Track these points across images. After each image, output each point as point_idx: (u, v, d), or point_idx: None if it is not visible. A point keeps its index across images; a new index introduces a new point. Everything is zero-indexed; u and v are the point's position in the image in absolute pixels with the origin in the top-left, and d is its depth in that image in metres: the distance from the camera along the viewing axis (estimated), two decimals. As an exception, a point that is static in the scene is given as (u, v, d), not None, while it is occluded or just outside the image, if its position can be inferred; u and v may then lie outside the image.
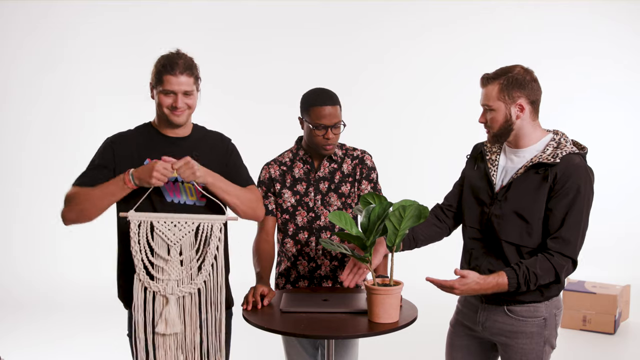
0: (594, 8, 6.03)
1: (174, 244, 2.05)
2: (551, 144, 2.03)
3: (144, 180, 2.01)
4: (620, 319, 4.69)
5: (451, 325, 2.30)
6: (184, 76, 2.09)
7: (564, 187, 1.96)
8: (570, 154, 2.00)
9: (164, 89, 2.09)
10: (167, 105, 2.10)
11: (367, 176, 2.48)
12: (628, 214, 6.05)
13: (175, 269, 2.06)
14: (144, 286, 2.05)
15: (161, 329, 2.04)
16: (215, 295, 2.09)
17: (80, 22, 5.92)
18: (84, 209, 2.06)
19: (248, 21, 6.03)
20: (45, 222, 5.94)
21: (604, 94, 6.09)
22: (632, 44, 6.10)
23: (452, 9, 6.07)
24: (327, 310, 2.05)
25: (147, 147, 2.16)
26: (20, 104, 5.96)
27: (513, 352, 2.08)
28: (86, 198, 2.05)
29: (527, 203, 2.00)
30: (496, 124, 2.04)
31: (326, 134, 2.34)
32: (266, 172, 2.48)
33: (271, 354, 3.83)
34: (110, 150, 2.15)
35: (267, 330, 1.97)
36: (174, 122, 2.13)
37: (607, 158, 6.03)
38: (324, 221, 2.45)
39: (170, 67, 2.08)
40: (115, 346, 4.10)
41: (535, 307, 2.05)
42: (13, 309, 5.23)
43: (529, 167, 2.01)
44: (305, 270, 2.48)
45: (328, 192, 2.45)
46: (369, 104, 5.96)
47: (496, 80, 2.02)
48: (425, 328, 3.17)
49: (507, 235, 2.03)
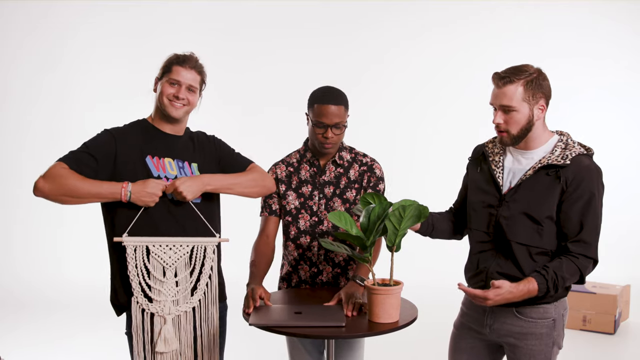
0: (594, 8, 6.04)
1: (169, 266, 2.10)
2: (559, 145, 2.01)
3: (139, 201, 2.04)
4: (620, 319, 4.68)
5: (455, 327, 2.27)
6: (193, 72, 2.14)
7: (577, 190, 1.94)
8: (579, 155, 1.99)
9: (170, 77, 2.12)
10: (169, 95, 2.12)
11: (375, 186, 2.43)
12: (628, 214, 6.05)
13: (171, 289, 2.11)
14: (141, 308, 2.10)
15: (161, 348, 2.10)
16: (210, 312, 2.17)
17: (80, 22, 5.93)
18: (65, 194, 1.99)
19: (248, 22, 6.03)
20: (45, 223, 5.96)
21: (604, 94, 6.10)
22: (632, 44, 6.10)
23: (452, 9, 6.07)
24: (300, 324, 1.94)
25: (147, 144, 2.16)
26: (20, 104, 5.97)
27: (522, 353, 2.06)
28: (71, 186, 1.98)
29: (537, 204, 1.98)
30: (517, 126, 1.98)
31: (325, 132, 2.31)
32: (272, 172, 2.46)
33: (271, 353, 3.83)
34: (110, 144, 2.11)
35: (266, 329, 1.96)
36: (170, 113, 2.13)
37: (607, 158, 6.00)
38: (327, 226, 2.41)
39: (182, 60, 2.14)
40: (114, 346, 4.11)
41: (545, 308, 2.03)
42: (13, 308, 5.23)
43: (538, 169, 2.00)
44: (307, 275, 2.45)
45: (332, 197, 2.42)
46: (370, 103, 5.96)
47: (518, 80, 1.95)
48: (425, 328, 3.18)
49: (517, 236, 2.01)
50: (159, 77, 2.17)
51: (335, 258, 2.44)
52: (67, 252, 5.87)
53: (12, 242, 5.96)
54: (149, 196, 2.03)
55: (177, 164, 2.17)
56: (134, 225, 2.08)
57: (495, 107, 2.02)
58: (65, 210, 6.04)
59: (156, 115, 2.20)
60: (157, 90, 2.17)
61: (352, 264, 2.46)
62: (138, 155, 2.12)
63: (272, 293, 2.36)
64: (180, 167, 2.17)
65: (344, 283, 2.44)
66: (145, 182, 2.04)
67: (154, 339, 2.10)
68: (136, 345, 2.10)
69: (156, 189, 2.04)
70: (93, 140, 2.13)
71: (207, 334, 2.17)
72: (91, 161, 2.05)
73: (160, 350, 2.09)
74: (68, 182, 1.98)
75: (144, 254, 2.08)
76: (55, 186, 1.98)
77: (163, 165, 2.14)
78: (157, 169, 2.12)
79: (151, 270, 2.08)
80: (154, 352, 2.11)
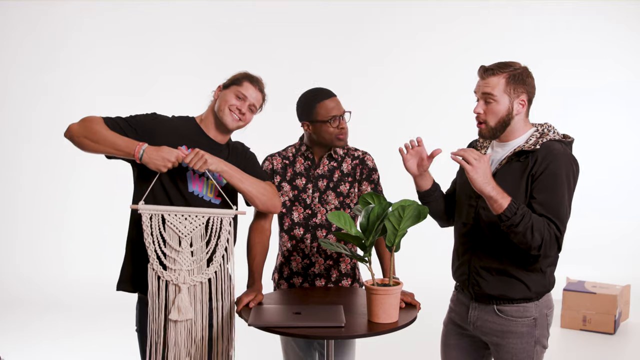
0: (594, 8, 6.04)
1: (185, 236, 2.12)
2: (535, 135, 2.04)
3: (151, 163, 2.06)
4: (620, 319, 4.68)
5: (444, 325, 2.31)
6: (259, 94, 2.24)
7: (543, 173, 1.94)
8: (552, 140, 1.99)
9: (238, 90, 2.19)
10: (231, 105, 2.18)
11: (368, 177, 2.48)
12: (628, 214, 6.05)
13: (187, 259, 2.13)
14: (157, 275, 2.11)
15: (174, 316, 2.10)
16: (226, 285, 2.18)
17: (80, 22, 5.93)
18: (87, 136, 2.08)
19: (248, 22, 6.03)
20: (46, 222, 5.97)
21: (604, 94, 6.10)
22: (632, 44, 6.10)
23: (452, 10, 6.08)
24: (299, 325, 1.94)
25: (189, 136, 2.20)
26: (20, 104, 5.97)
27: (504, 351, 2.08)
28: (95, 129, 2.08)
29: (511, 191, 1.97)
30: (495, 117, 2.02)
31: (340, 123, 2.39)
32: (269, 163, 2.50)
33: (271, 353, 3.83)
34: (153, 124, 2.18)
35: (265, 330, 1.96)
36: (226, 122, 2.19)
37: (607, 157, 6.04)
38: (321, 219, 2.45)
39: (255, 80, 2.23)
40: (116, 345, 4.11)
41: (524, 307, 2.05)
42: (15, 307, 5.24)
43: (511, 157, 2.02)
44: (299, 266, 2.48)
45: (326, 190, 2.46)
46: (370, 104, 5.97)
47: (501, 73, 1.99)
48: (424, 328, 3.18)
49: (496, 227, 2.02)
50: (226, 86, 2.23)
51: (327, 250, 2.46)
52: (69, 252, 5.88)
53: (14, 241, 5.96)
54: (162, 160, 2.05)
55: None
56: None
57: (478, 98, 2.06)
58: (67, 209, 6.07)
59: (207, 119, 2.25)
60: (216, 97, 2.23)
61: (343, 256, 2.48)
62: (173, 143, 2.14)
63: (272, 293, 2.37)
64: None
65: (336, 275, 2.48)
66: (161, 147, 2.08)
67: (169, 307, 2.12)
68: (151, 313, 2.11)
69: (170, 155, 2.06)
70: (139, 115, 2.21)
71: (223, 307, 2.17)
72: (129, 130, 2.13)
73: (174, 318, 2.10)
74: (94, 126, 2.09)
75: (160, 223, 2.11)
76: (82, 127, 2.10)
77: None
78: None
79: (167, 239, 2.11)
80: (167, 320, 2.11)
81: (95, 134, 2.07)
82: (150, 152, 2.05)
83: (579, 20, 6.04)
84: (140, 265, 2.15)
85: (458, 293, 2.24)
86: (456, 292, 2.26)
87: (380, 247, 2.43)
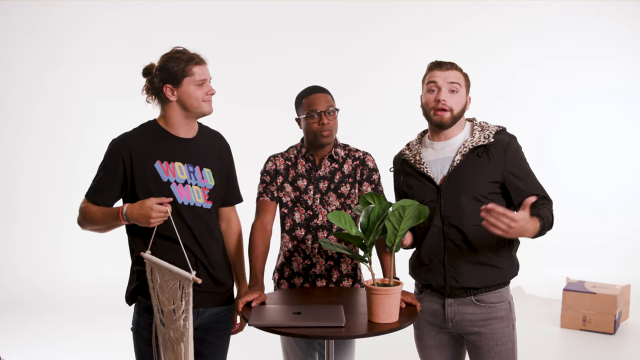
0: (594, 8, 6.04)
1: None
2: (476, 129, 2.16)
3: (141, 223, 2.02)
4: (620, 319, 4.68)
5: (415, 327, 2.32)
6: (205, 64, 2.19)
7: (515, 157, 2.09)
8: (497, 132, 2.14)
9: (194, 80, 2.13)
10: (202, 97, 2.14)
11: (369, 177, 2.48)
12: (628, 214, 6.05)
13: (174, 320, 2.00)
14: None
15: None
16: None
17: (81, 22, 5.93)
18: (95, 227, 2.17)
19: (248, 22, 6.03)
20: (46, 222, 5.96)
21: (604, 94, 6.09)
22: (632, 44, 6.10)
23: (452, 9, 6.08)
24: (299, 325, 1.93)
25: (157, 148, 2.15)
26: (20, 104, 5.97)
27: (488, 338, 2.12)
28: (95, 218, 2.12)
29: (476, 183, 2.07)
30: (459, 106, 2.13)
31: (321, 120, 2.37)
32: (272, 163, 2.50)
33: (270, 353, 3.83)
34: (118, 158, 2.11)
35: (265, 330, 1.95)
36: (207, 112, 2.16)
37: (607, 157, 6.03)
38: (322, 220, 2.45)
39: (194, 60, 2.17)
40: (116, 345, 4.11)
41: (500, 292, 2.13)
42: (14, 308, 5.24)
43: (469, 152, 2.10)
44: (300, 267, 2.48)
45: (327, 192, 2.46)
46: (369, 104, 5.97)
47: (459, 69, 2.16)
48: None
49: (467, 220, 2.08)
50: (176, 83, 2.14)
51: (328, 251, 2.46)
52: (68, 252, 5.87)
53: (13, 241, 5.96)
54: (143, 218, 1.99)
55: (187, 169, 2.16)
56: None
57: (439, 87, 2.13)
58: (66, 209, 6.05)
59: (170, 118, 2.17)
60: (176, 97, 2.14)
61: (344, 256, 2.49)
62: (146, 160, 2.11)
63: (272, 293, 2.37)
64: (190, 172, 2.16)
65: (337, 276, 2.48)
66: (141, 203, 2.02)
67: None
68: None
69: (149, 212, 1.98)
70: (104, 162, 2.15)
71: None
72: (112, 185, 2.12)
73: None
74: (91, 216, 2.13)
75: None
76: (80, 215, 2.17)
77: (173, 169, 2.14)
78: (167, 174, 2.12)
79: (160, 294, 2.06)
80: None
81: (87, 216, 2.13)
82: (132, 215, 2.02)
83: (579, 20, 6.04)
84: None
85: (425, 295, 2.25)
86: (422, 294, 2.27)
87: (381, 247, 2.43)
